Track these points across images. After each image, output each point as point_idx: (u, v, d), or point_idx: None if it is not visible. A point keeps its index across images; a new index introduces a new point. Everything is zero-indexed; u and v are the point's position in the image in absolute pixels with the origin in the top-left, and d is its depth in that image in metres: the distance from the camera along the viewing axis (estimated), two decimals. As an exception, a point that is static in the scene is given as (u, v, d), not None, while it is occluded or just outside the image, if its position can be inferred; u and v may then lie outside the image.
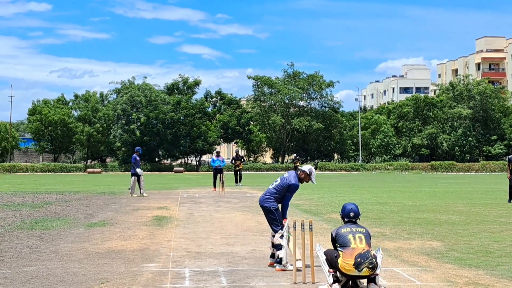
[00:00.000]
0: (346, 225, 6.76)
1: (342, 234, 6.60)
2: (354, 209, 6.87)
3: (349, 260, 6.36)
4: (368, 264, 6.30)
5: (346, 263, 6.37)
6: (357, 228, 6.65)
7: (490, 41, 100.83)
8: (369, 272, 6.32)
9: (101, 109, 67.05)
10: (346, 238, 6.52)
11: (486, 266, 7.85)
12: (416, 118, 73.55)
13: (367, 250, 6.40)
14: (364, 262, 6.30)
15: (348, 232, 6.58)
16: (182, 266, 7.89)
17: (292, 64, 73.22)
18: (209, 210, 15.97)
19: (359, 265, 6.30)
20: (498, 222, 13.01)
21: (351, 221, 6.80)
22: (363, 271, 6.31)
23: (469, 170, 61.77)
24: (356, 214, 6.84)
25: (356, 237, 6.50)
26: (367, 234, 6.63)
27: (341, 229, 6.68)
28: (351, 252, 6.39)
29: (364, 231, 6.64)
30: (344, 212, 6.91)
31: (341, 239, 6.56)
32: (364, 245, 6.45)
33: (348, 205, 6.96)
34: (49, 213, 14.87)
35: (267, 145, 74.69)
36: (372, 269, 6.32)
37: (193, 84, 70.12)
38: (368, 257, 6.33)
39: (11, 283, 6.79)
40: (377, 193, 23.73)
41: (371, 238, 6.71)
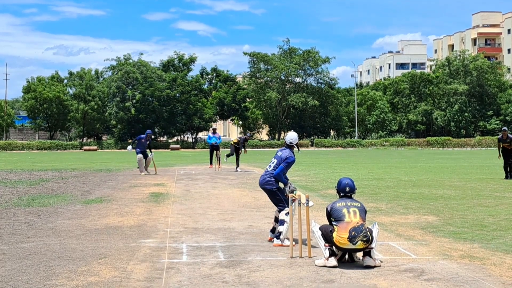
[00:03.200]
0: (341, 199, 6.79)
1: (336, 208, 6.64)
2: (350, 183, 6.89)
3: (343, 233, 6.40)
4: (362, 237, 6.34)
5: (341, 237, 6.41)
6: (352, 203, 6.68)
7: (486, 16, 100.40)
8: (364, 245, 6.36)
9: (96, 87, 66.75)
10: (341, 212, 6.56)
11: (481, 240, 7.92)
12: (412, 94, 73.50)
13: (361, 223, 6.44)
14: (358, 235, 6.34)
15: (343, 206, 6.61)
16: (180, 242, 7.93)
17: (287, 40, 72.89)
18: (206, 187, 16.01)
19: (354, 238, 6.34)
20: (493, 197, 13.09)
21: (347, 196, 6.83)
22: (357, 244, 6.35)
23: (464, 145, 61.97)
24: (351, 189, 6.86)
25: (351, 211, 6.54)
26: (362, 208, 6.67)
27: (336, 203, 6.72)
28: (346, 226, 6.43)
29: (359, 205, 6.68)
30: (339, 187, 6.93)
31: (336, 213, 6.60)
32: (358, 218, 6.49)
33: (344, 179, 6.98)
34: (46, 190, 14.88)
35: (263, 122, 74.65)
36: (366, 242, 6.36)
37: (189, 61, 69.76)
38: (362, 230, 6.37)
39: (9, 259, 6.82)
40: (373, 168, 23.81)
41: (366, 212, 6.75)
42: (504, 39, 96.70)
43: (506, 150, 18.37)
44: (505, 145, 18.39)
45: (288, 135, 8.23)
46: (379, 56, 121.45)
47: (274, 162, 8.01)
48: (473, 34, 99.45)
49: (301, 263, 6.64)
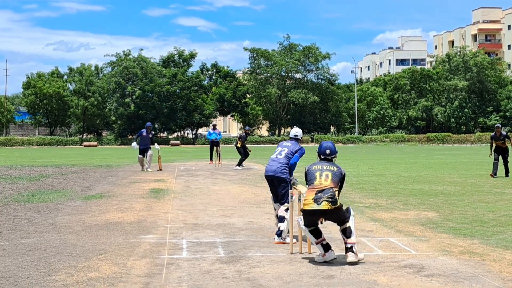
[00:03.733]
0: (319, 162, 6.69)
1: (311, 171, 6.55)
2: (331, 147, 6.78)
3: (309, 196, 6.35)
4: (327, 198, 6.25)
5: (306, 199, 6.34)
6: (329, 166, 6.55)
7: (486, 12, 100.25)
8: (328, 206, 6.24)
9: (95, 82, 66.70)
10: (314, 175, 6.48)
11: (480, 236, 7.93)
12: (412, 90, 73.46)
13: (330, 187, 6.34)
14: (324, 196, 6.26)
15: (317, 170, 6.52)
16: (180, 238, 7.94)
17: (288, 37, 72.80)
18: (206, 183, 16.02)
19: (318, 199, 6.27)
20: (493, 193, 13.10)
21: (327, 159, 6.72)
22: (322, 205, 6.25)
23: (464, 141, 61.96)
24: (332, 152, 6.75)
25: (323, 175, 6.45)
26: (337, 173, 6.50)
27: (313, 165, 6.63)
28: (313, 188, 6.38)
29: (335, 170, 6.53)
30: (320, 150, 6.81)
31: (309, 175, 6.53)
32: (329, 182, 6.38)
33: (325, 143, 6.89)
34: (46, 186, 14.89)
35: (263, 118, 74.62)
36: (332, 204, 6.24)
37: (189, 57, 69.65)
38: (329, 192, 6.29)
39: (10, 254, 6.83)
40: (373, 164, 23.83)
41: (343, 178, 6.58)
42: (504, 35, 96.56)
43: (499, 148, 17.94)
44: (498, 142, 17.96)
45: (294, 129, 8.10)
46: (379, 52, 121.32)
47: (284, 150, 7.72)
48: (473, 30, 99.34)
49: (301, 259, 6.65)
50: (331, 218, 6.44)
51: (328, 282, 5.64)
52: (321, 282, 5.64)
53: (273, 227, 8.69)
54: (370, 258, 6.66)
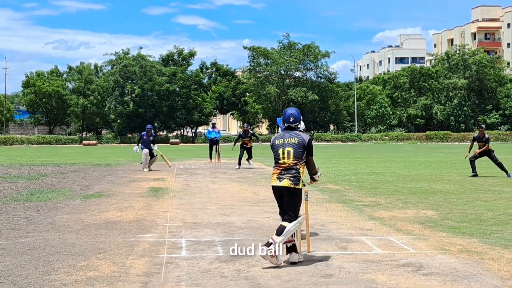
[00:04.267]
0: (282, 134, 6.61)
1: (275, 147, 6.54)
2: (294, 113, 6.66)
3: (275, 174, 6.46)
4: (289, 177, 6.33)
5: (273, 175, 6.51)
6: (290, 139, 6.49)
7: (486, 10, 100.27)
8: (289, 184, 6.32)
9: (94, 81, 66.69)
10: (277, 152, 6.49)
11: (479, 234, 7.93)
12: (411, 89, 73.47)
13: (293, 164, 6.37)
14: (286, 173, 6.35)
15: (280, 145, 6.49)
16: (179, 237, 7.94)
17: (287, 35, 72.83)
18: (205, 181, 16.02)
19: (280, 177, 6.37)
20: (492, 191, 13.11)
21: (290, 128, 6.63)
22: (283, 182, 6.34)
23: (464, 139, 62.00)
24: (296, 119, 6.64)
25: (285, 151, 6.43)
26: (299, 145, 6.43)
27: (276, 139, 6.58)
28: (278, 166, 6.45)
29: (296, 142, 6.45)
30: (284, 117, 6.71)
31: (274, 152, 6.54)
32: (291, 160, 6.39)
33: (289, 109, 6.77)
34: (45, 185, 14.89)
35: (263, 116, 74.63)
36: (293, 183, 6.32)
37: (188, 55, 69.64)
38: (292, 170, 6.36)
39: (9, 254, 6.83)
40: (373, 163, 23.83)
41: (308, 146, 6.47)
42: (503, 33, 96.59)
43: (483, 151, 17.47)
44: (480, 144, 17.62)
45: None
46: (379, 51, 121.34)
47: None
48: (472, 29, 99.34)
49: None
50: (288, 200, 6.40)
51: (327, 281, 5.65)
52: (319, 281, 5.64)
53: (272, 226, 8.69)
54: (369, 257, 6.67)
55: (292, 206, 6.43)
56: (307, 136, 6.56)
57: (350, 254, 6.81)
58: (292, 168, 6.38)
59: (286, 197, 6.43)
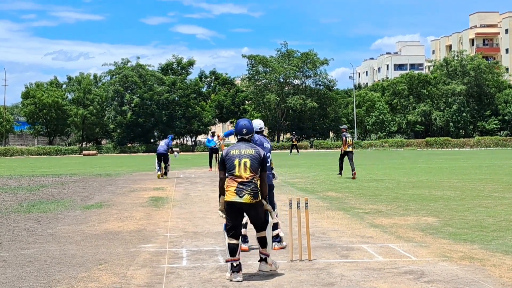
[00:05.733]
0: (237, 144, 6.40)
1: (230, 157, 6.27)
2: (247, 125, 6.49)
3: (232, 185, 6.17)
4: (250, 191, 6.11)
5: (229, 190, 6.18)
6: (246, 150, 6.27)
7: (483, 16, 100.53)
8: (250, 200, 6.12)
9: (94, 91, 66.77)
10: (233, 163, 6.23)
11: (480, 241, 7.92)
12: (410, 95, 73.55)
13: (251, 178, 6.16)
14: (246, 188, 6.12)
15: (236, 156, 6.24)
16: (179, 246, 7.93)
17: (285, 43, 73.05)
18: (205, 190, 16.01)
19: (240, 192, 6.11)
20: (493, 197, 13.10)
21: (244, 139, 6.45)
22: (244, 198, 6.11)
23: (464, 145, 61.98)
24: (249, 131, 6.46)
25: (242, 163, 6.20)
26: (255, 157, 6.23)
27: (231, 150, 6.34)
28: (234, 178, 6.18)
29: (253, 153, 6.25)
30: (236, 129, 6.49)
31: (228, 162, 6.27)
32: (248, 173, 6.17)
33: (242, 120, 6.60)
34: (46, 196, 14.88)
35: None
36: (253, 197, 6.11)
37: (187, 64, 69.79)
38: (251, 184, 6.13)
39: (10, 265, 6.82)
40: (373, 170, 23.82)
41: (261, 159, 6.25)
42: (502, 39, 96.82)
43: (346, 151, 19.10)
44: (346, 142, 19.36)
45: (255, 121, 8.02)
46: (377, 57, 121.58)
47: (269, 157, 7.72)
48: (470, 35, 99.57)
49: (301, 266, 6.64)
50: (251, 214, 6.28)
51: (329, 290, 5.63)
52: (321, 290, 5.63)
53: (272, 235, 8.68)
54: (370, 264, 6.66)
55: (259, 217, 6.31)
56: (262, 150, 6.38)
57: (351, 262, 6.80)
58: (250, 182, 6.16)
59: (251, 211, 6.25)
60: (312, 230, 8.44)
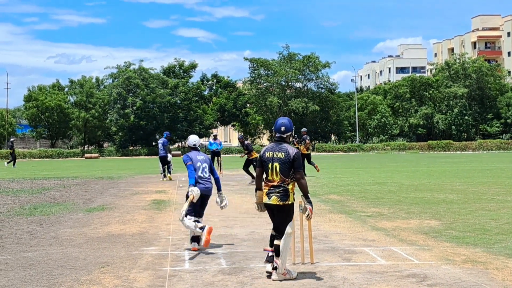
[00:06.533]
0: (272, 146, 6.52)
1: (265, 160, 6.47)
2: (286, 123, 6.58)
3: (265, 189, 6.43)
4: (277, 193, 6.30)
5: (263, 191, 6.44)
6: (278, 153, 6.39)
7: (485, 19, 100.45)
8: (277, 202, 6.29)
9: (96, 94, 66.82)
10: (267, 166, 6.44)
11: (483, 244, 7.91)
12: (412, 98, 73.49)
13: (281, 182, 6.32)
14: (274, 192, 6.32)
15: (269, 159, 6.42)
16: (182, 249, 7.93)
17: (287, 46, 72.95)
18: (208, 193, 15.98)
19: (269, 194, 6.35)
20: (496, 200, 13.08)
21: (281, 138, 6.53)
22: (271, 199, 6.32)
23: (466, 149, 61.89)
24: (287, 129, 6.55)
25: (273, 167, 6.37)
26: (285, 161, 6.33)
27: (266, 152, 6.50)
28: (267, 183, 6.42)
29: (283, 157, 6.34)
30: (275, 127, 6.62)
31: (265, 166, 6.48)
32: (278, 177, 6.33)
33: (281, 119, 6.69)
34: (48, 198, 14.89)
35: (264, 127, 74.64)
36: (281, 200, 6.29)
37: (189, 67, 69.81)
38: (280, 187, 6.31)
39: (12, 268, 6.82)
40: (375, 173, 23.80)
41: (294, 161, 6.32)
42: (504, 42, 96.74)
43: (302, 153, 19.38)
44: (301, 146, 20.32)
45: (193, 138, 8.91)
46: (379, 61, 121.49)
47: (205, 166, 8.53)
48: (472, 38, 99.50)
49: (303, 269, 6.64)
50: (277, 216, 6.41)
51: (331, 293, 5.63)
52: (324, 293, 5.62)
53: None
54: (373, 268, 6.66)
55: (282, 221, 6.39)
56: (293, 150, 6.44)
57: (353, 265, 6.80)
58: (279, 186, 6.34)
59: (276, 213, 6.42)
60: (314, 233, 8.44)
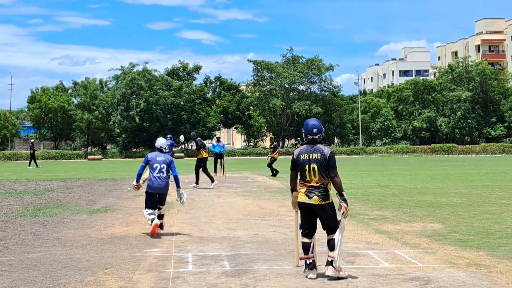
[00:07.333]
0: (305, 148, 6.54)
1: (300, 162, 6.50)
2: (317, 125, 6.60)
3: (302, 189, 6.49)
4: (318, 194, 6.39)
5: (300, 192, 6.50)
6: (313, 154, 6.45)
7: (489, 23, 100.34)
8: (319, 201, 6.39)
9: (99, 96, 66.92)
10: (303, 168, 6.48)
11: (487, 247, 7.89)
12: (416, 102, 73.43)
13: (320, 183, 6.42)
14: (314, 192, 6.39)
15: (305, 161, 6.46)
16: (185, 251, 7.94)
17: (291, 49, 73.00)
18: (211, 195, 16.02)
19: (309, 194, 6.40)
20: (499, 204, 13.05)
21: (313, 140, 6.55)
22: (312, 199, 6.39)
23: (469, 152, 61.77)
24: (319, 131, 6.57)
25: (310, 169, 6.43)
26: (321, 162, 6.42)
27: (300, 154, 6.52)
28: (305, 184, 6.47)
29: (319, 158, 6.44)
30: (306, 128, 6.61)
31: (300, 168, 6.52)
32: (317, 178, 6.42)
33: (311, 120, 6.71)
34: (52, 200, 14.91)
35: (267, 129, 74.64)
36: (322, 199, 6.39)
37: (193, 69, 69.87)
38: (320, 187, 6.41)
39: (16, 269, 6.83)
40: (378, 176, 23.77)
41: (330, 159, 6.44)
42: (507, 45, 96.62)
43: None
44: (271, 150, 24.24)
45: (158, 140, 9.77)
46: (383, 64, 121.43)
47: (163, 167, 9.36)
48: (476, 41, 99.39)
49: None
50: (321, 216, 6.48)
51: (335, 295, 5.62)
52: (327, 295, 5.62)
53: (278, 240, 8.69)
54: (376, 271, 6.65)
55: (330, 220, 6.50)
56: (328, 149, 6.55)
57: (357, 268, 6.79)
58: (320, 187, 6.43)
59: (320, 213, 6.47)
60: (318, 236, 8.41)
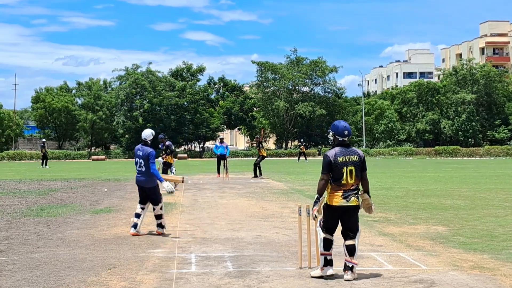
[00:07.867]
0: (340, 150, 6.39)
1: (338, 165, 6.33)
2: (348, 126, 6.50)
3: (338, 192, 6.37)
4: (354, 195, 6.41)
5: (335, 196, 6.37)
6: (350, 156, 6.38)
7: (494, 25, 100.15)
8: (356, 202, 6.40)
9: (103, 96, 67.04)
10: (341, 171, 6.33)
11: (491, 250, 7.87)
12: (419, 104, 73.33)
13: (356, 185, 6.43)
14: (352, 194, 6.39)
15: (343, 164, 6.34)
16: (188, 252, 7.93)
17: (295, 50, 72.93)
18: (214, 196, 16.02)
19: (347, 196, 6.36)
20: (503, 207, 13.02)
21: (344, 143, 6.45)
22: (351, 201, 6.37)
23: (473, 155, 61.60)
24: (349, 132, 6.48)
25: (348, 171, 6.35)
26: (358, 164, 6.41)
27: (338, 157, 6.35)
28: (340, 187, 6.37)
29: (356, 160, 6.40)
30: (338, 130, 6.44)
31: (337, 171, 6.33)
32: (354, 180, 6.40)
33: (341, 122, 6.56)
34: (55, 200, 14.94)
35: (270, 131, 74.63)
36: (358, 200, 6.44)
37: (197, 70, 69.92)
38: (355, 190, 6.42)
39: (19, 269, 6.84)
40: (382, 178, 23.73)
41: (363, 162, 6.47)
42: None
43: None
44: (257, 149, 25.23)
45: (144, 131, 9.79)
46: (387, 65, 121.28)
47: (141, 162, 9.35)
48: (481, 43, 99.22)
49: (310, 273, 6.61)
50: (352, 217, 6.46)
51: (338, 297, 5.61)
52: (331, 297, 5.61)
53: (281, 241, 8.68)
54: (380, 273, 6.64)
55: (357, 220, 6.54)
56: (361, 152, 6.57)
57: (361, 270, 6.77)
58: (356, 188, 6.44)
59: (352, 214, 6.47)
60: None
